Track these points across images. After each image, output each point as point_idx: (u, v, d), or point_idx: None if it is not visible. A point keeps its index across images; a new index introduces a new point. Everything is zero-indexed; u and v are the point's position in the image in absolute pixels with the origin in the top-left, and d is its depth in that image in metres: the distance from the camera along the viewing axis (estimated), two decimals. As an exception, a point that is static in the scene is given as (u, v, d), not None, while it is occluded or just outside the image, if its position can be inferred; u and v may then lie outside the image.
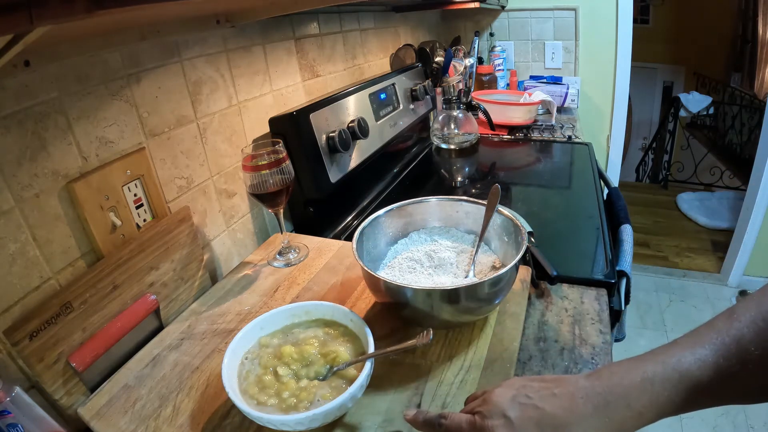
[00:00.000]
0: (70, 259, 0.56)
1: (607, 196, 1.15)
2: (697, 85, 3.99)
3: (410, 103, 1.32)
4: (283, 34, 0.93)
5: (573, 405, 0.34)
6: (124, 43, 0.60)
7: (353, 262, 0.76)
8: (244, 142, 0.84)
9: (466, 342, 0.57)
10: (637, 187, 3.78)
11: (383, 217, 0.69)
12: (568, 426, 0.34)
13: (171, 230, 0.66)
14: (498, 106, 1.59)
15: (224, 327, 0.63)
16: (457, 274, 0.63)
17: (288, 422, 0.42)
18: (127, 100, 0.62)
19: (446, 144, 1.46)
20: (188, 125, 0.72)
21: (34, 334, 0.49)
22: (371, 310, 0.64)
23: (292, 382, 0.47)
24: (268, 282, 0.74)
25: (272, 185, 0.69)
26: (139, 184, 0.63)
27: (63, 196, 0.54)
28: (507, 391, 0.38)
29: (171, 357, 0.59)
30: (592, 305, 0.66)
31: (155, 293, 0.64)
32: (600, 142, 2.08)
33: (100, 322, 0.56)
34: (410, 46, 1.49)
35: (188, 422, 0.49)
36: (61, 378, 0.52)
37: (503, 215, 0.65)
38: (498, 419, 0.35)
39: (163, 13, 0.59)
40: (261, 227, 0.92)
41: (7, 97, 0.48)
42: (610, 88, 1.98)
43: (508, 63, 2.07)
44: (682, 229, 2.87)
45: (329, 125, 0.92)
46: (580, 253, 0.82)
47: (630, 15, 1.84)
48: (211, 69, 0.75)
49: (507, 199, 1.08)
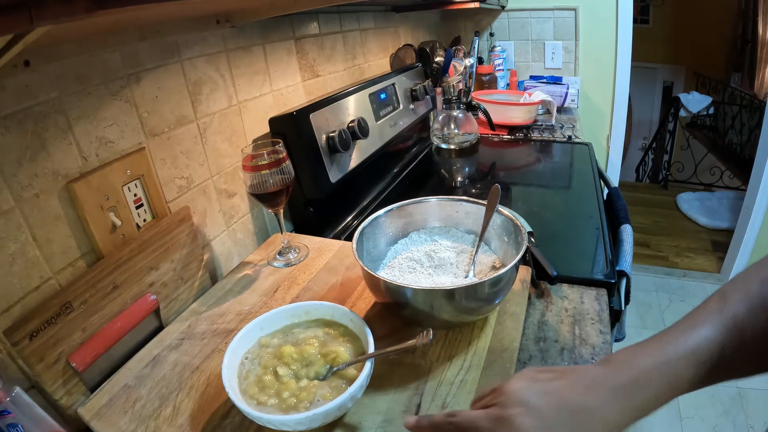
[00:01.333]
0: (70, 259, 0.56)
1: (607, 196, 1.15)
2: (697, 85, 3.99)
3: (410, 103, 1.32)
4: (283, 34, 0.93)
5: (590, 391, 0.34)
6: (124, 43, 0.60)
7: (353, 262, 0.76)
8: (244, 142, 0.84)
9: (466, 342, 0.57)
10: (637, 187, 3.78)
11: (383, 217, 0.69)
12: (588, 411, 0.33)
13: (171, 230, 0.66)
14: (498, 106, 1.59)
15: (224, 327, 0.63)
16: (457, 274, 0.63)
17: (288, 422, 0.42)
18: (127, 100, 0.62)
19: (446, 144, 1.46)
20: (188, 125, 0.72)
21: (34, 334, 0.49)
22: (371, 310, 0.64)
23: (292, 382, 0.47)
24: (268, 282, 0.74)
25: (272, 185, 0.69)
26: (139, 184, 0.63)
27: (63, 196, 0.54)
28: (521, 381, 0.37)
29: (171, 357, 0.59)
30: (592, 305, 0.66)
31: (155, 293, 0.64)
32: (600, 142, 2.08)
33: (100, 322, 0.56)
34: (410, 46, 1.49)
35: (188, 422, 0.49)
36: (61, 378, 0.52)
37: (503, 215, 0.65)
38: (517, 407, 0.34)
39: (163, 13, 0.58)
40: (261, 227, 0.92)
41: (7, 97, 0.48)
42: (610, 88, 1.98)
43: (508, 63, 2.07)
44: (682, 229, 2.87)
45: (329, 125, 0.92)
46: (580, 253, 0.82)
47: (630, 15, 1.84)
48: (211, 69, 0.75)
49: (507, 199, 1.08)
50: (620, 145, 2.08)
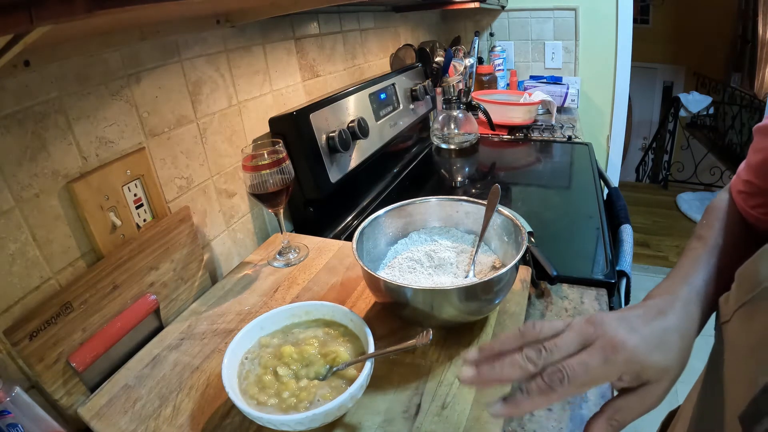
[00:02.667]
0: (70, 259, 0.56)
1: (607, 196, 1.15)
2: (697, 85, 3.99)
3: (410, 103, 1.32)
4: (283, 34, 0.93)
5: (664, 313, 0.37)
6: (124, 43, 0.60)
7: (353, 262, 0.76)
8: (244, 142, 0.84)
9: (466, 342, 0.57)
10: (637, 187, 3.78)
11: (383, 217, 0.69)
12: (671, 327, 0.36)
13: (171, 230, 0.66)
14: (498, 106, 1.59)
15: (224, 327, 0.63)
16: (457, 274, 0.63)
17: (288, 422, 0.42)
18: (127, 100, 0.62)
19: (446, 144, 1.46)
20: (188, 125, 0.72)
21: (34, 334, 0.49)
22: (371, 310, 0.64)
23: (292, 382, 0.47)
24: (268, 282, 0.74)
25: (272, 185, 0.69)
26: (139, 184, 0.63)
27: (63, 196, 0.54)
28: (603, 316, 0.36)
29: (171, 357, 0.59)
30: (592, 305, 0.66)
31: (155, 293, 0.64)
32: (600, 142, 2.07)
33: (100, 322, 0.56)
34: (410, 46, 1.49)
35: (188, 422, 0.49)
36: (61, 378, 0.52)
37: (503, 215, 0.65)
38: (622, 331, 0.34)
39: (163, 13, 0.59)
40: (261, 227, 0.92)
41: (7, 97, 0.48)
42: (610, 88, 1.98)
43: (508, 63, 2.07)
44: (682, 229, 2.87)
45: (329, 125, 0.92)
46: (580, 253, 0.82)
47: (630, 15, 1.84)
48: (211, 69, 0.75)
49: (507, 199, 1.08)
50: (620, 145, 2.08)
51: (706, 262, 0.42)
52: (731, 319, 0.33)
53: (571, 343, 0.34)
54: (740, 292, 0.32)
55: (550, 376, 0.33)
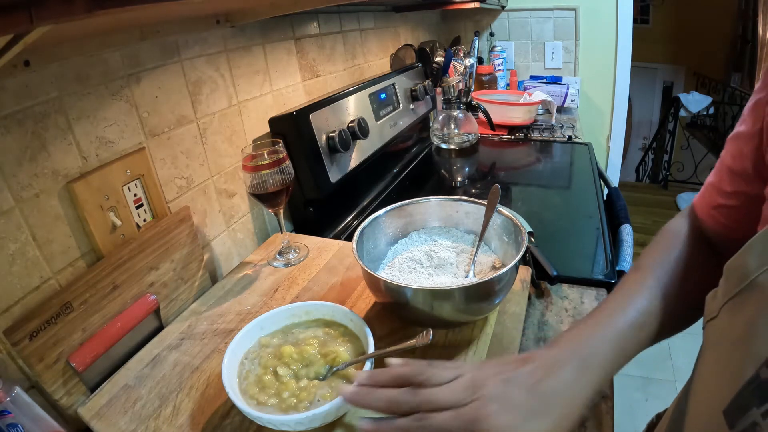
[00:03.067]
0: (70, 259, 0.56)
1: (607, 196, 1.15)
2: (697, 85, 3.99)
3: (410, 103, 1.32)
4: (283, 34, 0.93)
5: (554, 372, 0.36)
6: (124, 43, 0.60)
7: (353, 262, 0.76)
8: (244, 142, 0.84)
9: (466, 342, 0.57)
10: (637, 187, 3.78)
11: (383, 217, 0.69)
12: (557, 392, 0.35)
13: (171, 230, 0.66)
14: (498, 106, 1.59)
15: (224, 327, 0.63)
16: (457, 274, 0.63)
17: (288, 422, 0.42)
18: (127, 100, 0.62)
19: (446, 144, 1.46)
20: (188, 125, 0.72)
21: (34, 334, 0.49)
22: (371, 310, 0.64)
23: (292, 382, 0.47)
24: (268, 282, 0.74)
25: (272, 185, 0.69)
26: (139, 184, 0.63)
27: (63, 196, 0.54)
28: (485, 371, 0.36)
29: (171, 357, 0.59)
30: (592, 305, 0.66)
31: (155, 293, 0.64)
32: (600, 142, 2.08)
33: (100, 322, 0.56)
34: (410, 46, 1.49)
35: (188, 422, 0.49)
36: (61, 378, 0.52)
37: (503, 215, 0.65)
38: (490, 404, 0.34)
39: (163, 13, 0.59)
40: (261, 227, 0.92)
41: (7, 97, 0.48)
42: (610, 88, 1.98)
43: (508, 63, 2.07)
44: (682, 229, 2.86)
45: (329, 125, 0.92)
46: (580, 253, 0.82)
47: (630, 15, 1.84)
48: (211, 69, 0.75)
49: (507, 199, 1.08)
50: (620, 145, 2.08)
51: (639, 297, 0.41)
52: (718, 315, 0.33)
53: (445, 401, 0.35)
54: (728, 286, 0.32)
55: (413, 421, 0.35)
